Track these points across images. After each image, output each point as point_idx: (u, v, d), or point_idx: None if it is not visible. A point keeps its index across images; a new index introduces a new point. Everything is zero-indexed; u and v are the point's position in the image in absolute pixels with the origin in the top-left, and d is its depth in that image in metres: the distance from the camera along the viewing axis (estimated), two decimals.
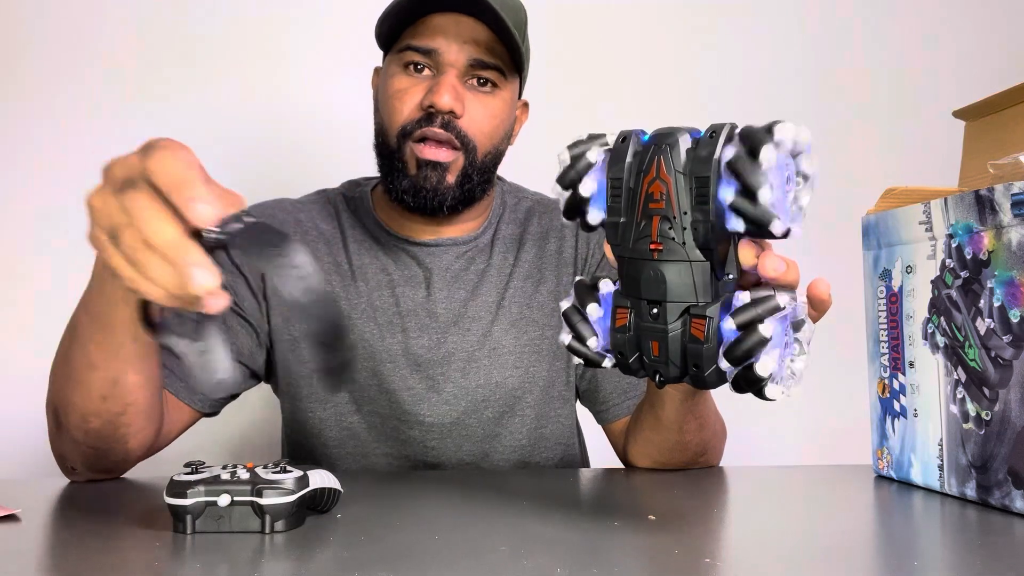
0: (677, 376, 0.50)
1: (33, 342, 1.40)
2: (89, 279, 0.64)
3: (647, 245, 0.49)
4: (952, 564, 0.51)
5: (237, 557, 0.49)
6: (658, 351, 0.50)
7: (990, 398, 0.62)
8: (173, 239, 0.44)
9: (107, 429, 0.70)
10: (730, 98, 1.59)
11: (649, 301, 0.50)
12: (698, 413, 0.81)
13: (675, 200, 0.48)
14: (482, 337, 0.92)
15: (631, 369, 0.53)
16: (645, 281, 0.49)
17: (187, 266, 0.44)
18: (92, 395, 0.67)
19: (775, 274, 0.48)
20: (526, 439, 0.94)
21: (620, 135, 0.51)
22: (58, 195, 1.42)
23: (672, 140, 0.48)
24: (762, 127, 0.46)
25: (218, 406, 0.86)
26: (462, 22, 0.86)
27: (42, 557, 0.53)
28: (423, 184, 0.86)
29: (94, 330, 0.64)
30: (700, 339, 0.48)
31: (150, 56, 1.45)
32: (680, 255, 0.48)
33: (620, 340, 0.52)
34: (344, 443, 0.91)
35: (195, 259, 0.44)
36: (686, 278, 0.48)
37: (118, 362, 0.66)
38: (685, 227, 0.48)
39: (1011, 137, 0.73)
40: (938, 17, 1.67)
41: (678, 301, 0.49)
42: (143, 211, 0.45)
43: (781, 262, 0.49)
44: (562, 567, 0.46)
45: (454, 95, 0.84)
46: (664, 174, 0.48)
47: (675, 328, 0.49)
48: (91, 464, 0.74)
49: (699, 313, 0.48)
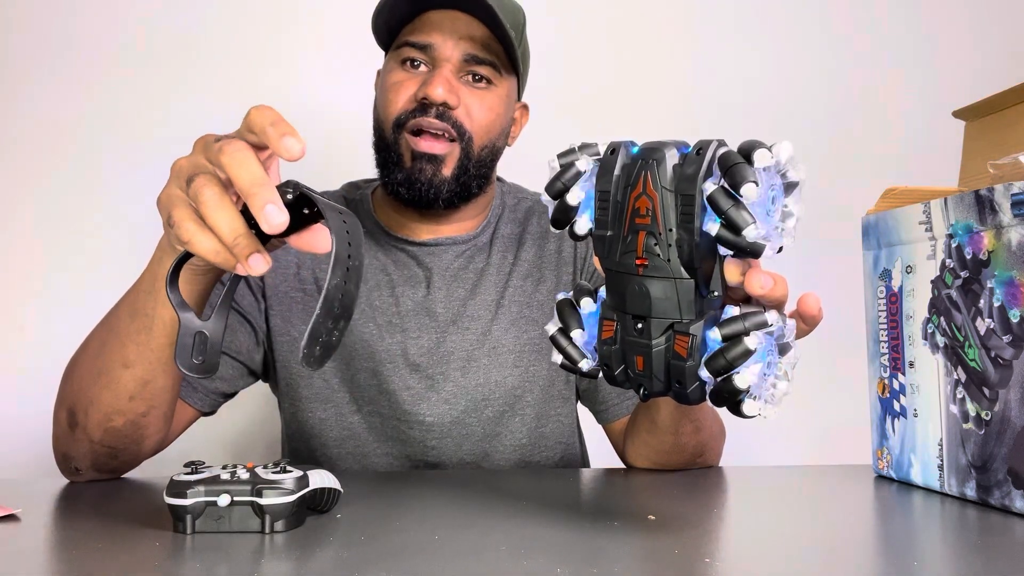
0: (661, 390, 0.50)
1: (33, 342, 1.40)
2: (137, 283, 0.67)
3: (633, 260, 0.49)
4: (952, 564, 0.51)
5: (237, 557, 0.49)
6: (642, 366, 0.50)
7: (990, 398, 0.62)
8: (259, 176, 0.49)
9: (128, 429, 0.72)
10: (730, 99, 1.59)
11: (634, 316, 0.50)
12: (693, 416, 0.81)
13: (660, 216, 0.47)
14: (481, 336, 0.92)
15: (616, 380, 0.52)
16: (630, 296, 0.49)
17: (264, 202, 0.47)
18: (121, 394, 0.70)
19: (762, 291, 0.48)
20: (526, 438, 0.94)
21: (609, 147, 0.51)
22: (59, 196, 1.42)
23: (659, 156, 0.48)
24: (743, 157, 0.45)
25: (215, 405, 0.87)
26: (458, 18, 0.87)
27: (42, 557, 0.53)
28: (418, 176, 0.87)
29: (136, 329, 0.67)
30: (683, 356, 0.48)
31: (150, 56, 1.45)
32: (665, 272, 0.48)
33: (606, 352, 0.52)
34: (344, 443, 0.91)
35: (272, 197, 0.48)
36: (670, 295, 0.48)
37: (153, 364, 0.68)
38: (670, 244, 0.47)
39: (1011, 137, 0.73)
40: (938, 17, 1.67)
41: (662, 317, 0.49)
42: (235, 151, 0.49)
43: (768, 278, 0.48)
44: (562, 567, 0.46)
45: (448, 87, 0.85)
46: (651, 190, 0.48)
47: (659, 344, 0.49)
48: (100, 465, 0.75)
49: (683, 330, 0.48)
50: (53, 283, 1.40)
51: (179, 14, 1.46)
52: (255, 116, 0.51)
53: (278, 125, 0.50)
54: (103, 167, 1.44)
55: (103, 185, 1.43)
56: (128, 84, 1.44)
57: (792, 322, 0.50)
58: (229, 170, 0.49)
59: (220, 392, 0.87)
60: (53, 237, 1.42)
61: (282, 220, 0.47)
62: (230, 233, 0.49)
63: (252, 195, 0.48)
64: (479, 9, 0.85)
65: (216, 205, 0.49)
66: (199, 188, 0.50)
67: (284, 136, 0.49)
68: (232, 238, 0.49)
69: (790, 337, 0.49)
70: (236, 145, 0.50)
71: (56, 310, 1.40)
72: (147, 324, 0.66)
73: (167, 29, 1.46)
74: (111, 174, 1.44)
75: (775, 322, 0.48)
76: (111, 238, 1.42)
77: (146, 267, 0.66)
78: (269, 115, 0.51)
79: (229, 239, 0.49)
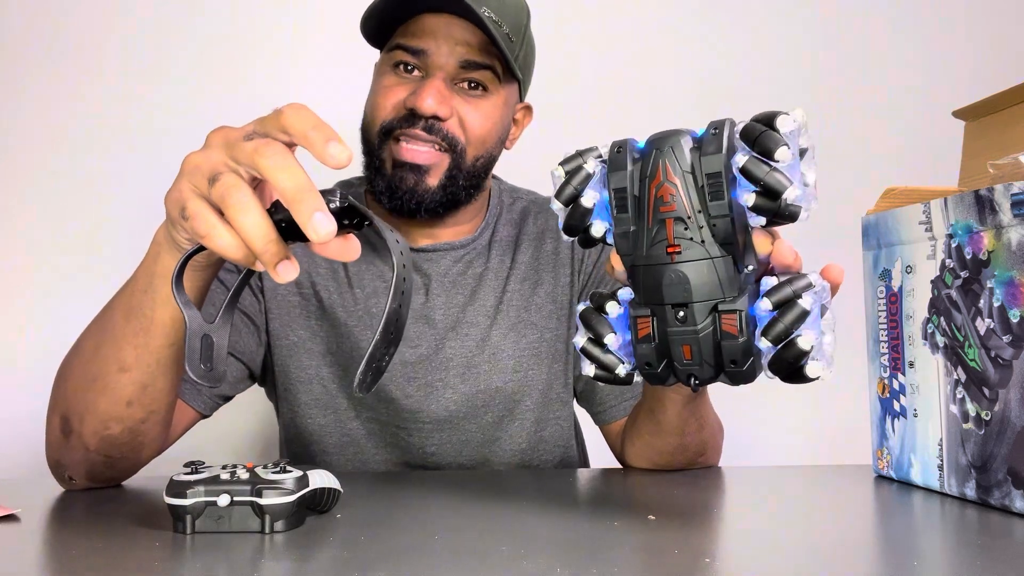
0: (712, 376, 0.50)
1: (33, 342, 1.40)
2: (131, 282, 0.64)
3: (663, 249, 0.49)
4: (952, 564, 0.51)
5: (237, 557, 0.49)
6: (690, 354, 0.49)
7: (990, 398, 0.62)
8: (305, 181, 0.45)
9: (126, 436, 0.68)
10: (729, 99, 1.59)
11: (674, 305, 0.49)
12: (699, 414, 0.80)
13: (686, 201, 0.48)
14: (480, 342, 0.91)
15: (660, 378, 0.52)
16: (668, 285, 0.49)
17: (312, 210, 0.44)
18: (118, 399, 0.66)
19: (790, 260, 0.49)
20: (525, 443, 0.93)
21: (614, 145, 0.51)
22: (58, 196, 1.42)
23: (674, 142, 0.48)
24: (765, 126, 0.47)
25: (215, 408, 0.85)
26: (454, 24, 0.83)
27: (42, 557, 0.53)
28: (399, 185, 0.84)
29: (133, 331, 0.63)
30: (734, 334, 0.48)
31: (150, 57, 1.45)
32: (701, 253, 0.48)
33: (645, 351, 0.51)
34: (344, 449, 0.91)
35: (320, 204, 0.45)
36: (710, 275, 0.48)
37: (152, 366, 0.65)
38: (702, 225, 0.48)
39: (1011, 137, 0.73)
40: (938, 17, 1.67)
41: (705, 300, 0.48)
42: (275, 155, 0.46)
43: (792, 249, 0.50)
44: (562, 567, 0.46)
45: (439, 99, 0.82)
46: (671, 176, 0.48)
47: (706, 327, 0.49)
48: (96, 474, 0.71)
49: (728, 308, 0.48)
50: (53, 283, 1.40)
51: (179, 15, 1.46)
52: (292, 118, 0.47)
53: (321, 129, 0.46)
54: (103, 167, 1.44)
55: (103, 185, 1.43)
56: (128, 85, 1.44)
57: (826, 283, 0.51)
58: (268, 173, 0.46)
59: (222, 395, 0.85)
60: (53, 237, 1.41)
61: (330, 229, 0.45)
62: (261, 239, 0.46)
63: (299, 201, 0.45)
64: (471, 14, 0.81)
65: (246, 208, 0.46)
66: (227, 190, 0.47)
67: (330, 142, 0.46)
68: (263, 244, 0.46)
69: (827, 297, 0.50)
70: (275, 148, 0.47)
71: (56, 310, 1.40)
72: (145, 325, 0.62)
73: (167, 30, 1.46)
74: (111, 174, 1.44)
75: (817, 283, 0.48)
76: (112, 238, 1.42)
77: (140, 265, 0.62)
78: (309, 118, 0.47)
79: (259, 245, 0.46)
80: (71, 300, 1.38)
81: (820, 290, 0.49)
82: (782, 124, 0.46)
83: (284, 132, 0.48)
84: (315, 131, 0.46)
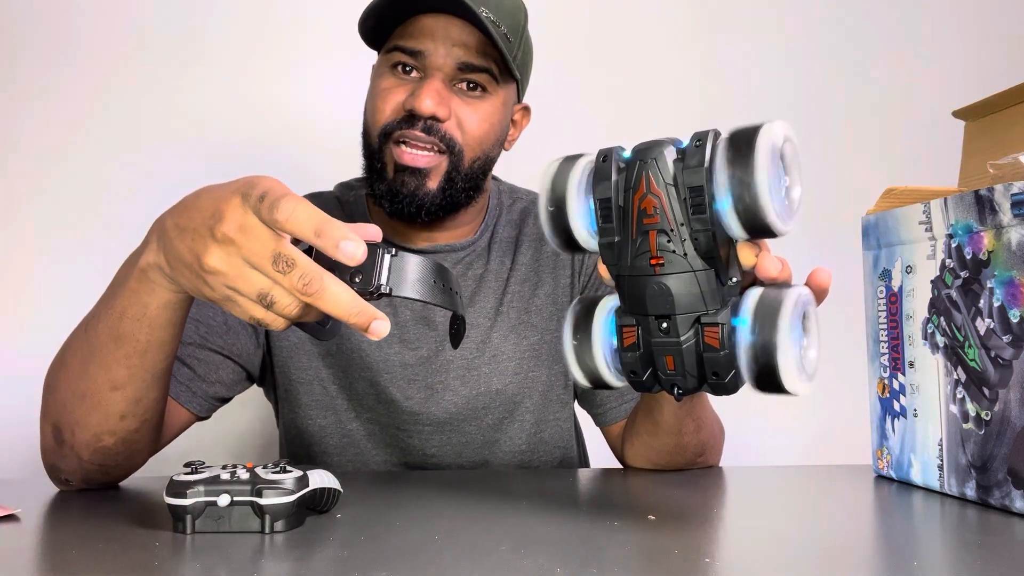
0: (695, 387, 0.50)
1: (33, 343, 1.40)
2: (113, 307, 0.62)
3: (647, 261, 0.49)
4: (952, 564, 0.51)
5: (237, 557, 0.49)
6: (673, 365, 0.49)
7: (990, 398, 0.62)
8: (352, 299, 0.51)
9: (119, 447, 0.68)
10: (729, 99, 1.59)
11: (657, 316, 0.49)
12: (696, 415, 0.80)
13: (669, 213, 0.47)
14: (481, 344, 0.91)
15: (645, 386, 0.52)
16: (651, 297, 0.49)
17: (370, 319, 0.51)
18: (111, 414, 0.66)
19: (774, 272, 0.49)
20: (525, 444, 0.93)
21: (599, 154, 0.51)
22: (58, 197, 1.42)
23: (657, 153, 0.48)
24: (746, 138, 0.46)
25: (212, 410, 0.85)
26: (452, 24, 0.83)
27: (42, 557, 0.53)
28: (400, 189, 0.84)
29: (126, 354, 0.63)
30: (716, 347, 0.48)
31: (150, 59, 1.45)
32: (683, 266, 0.48)
33: (631, 359, 0.51)
34: (344, 450, 0.91)
35: (375, 313, 0.52)
36: (693, 288, 0.48)
37: (148, 381, 0.65)
38: (684, 238, 0.47)
39: (1011, 137, 0.73)
40: (938, 17, 1.67)
41: (687, 312, 0.48)
42: (315, 278, 0.51)
43: (777, 261, 0.49)
44: (562, 567, 0.46)
45: (437, 100, 0.82)
46: (655, 188, 0.47)
47: (688, 339, 0.49)
48: (92, 480, 0.71)
49: (711, 321, 0.48)
50: (53, 284, 1.40)
51: (179, 17, 1.46)
52: (299, 216, 0.50)
53: (330, 231, 0.50)
54: (103, 168, 1.44)
55: (103, 186, 1.43)
56: (127, 86, 1.44)
57: (810, 292, 0.50)
58: (324, 306, 0.51)
59: (218, 397, 0.85)
60: (53, 237, 1.41)
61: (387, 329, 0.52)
62: (352, 308, 0.51)
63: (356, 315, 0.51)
64: (469, 14, 0.80)
65: (326, 286, 0.50)
66: (307, 277, 0.50)
67: (342, 242, 0.50)
68: (356, 311, 0.51)
69: (812, 308, 0.50)
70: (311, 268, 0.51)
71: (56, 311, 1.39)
72: (139, 349, 0.62)
73: (167, 31, 1.46)
74: (111, 175, 1.44)
75: (801, 295, 0.48)
76: (112, 239, 1.42)
77: (122, 291, 0.61)
78: (313, 217, 0.50)
79: (351, 313, 0.51)
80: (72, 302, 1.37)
81: (804, 303, 0.48)
82: (763, 137, 0.45)
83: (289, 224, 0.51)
84: (319, 239, 0.51)
